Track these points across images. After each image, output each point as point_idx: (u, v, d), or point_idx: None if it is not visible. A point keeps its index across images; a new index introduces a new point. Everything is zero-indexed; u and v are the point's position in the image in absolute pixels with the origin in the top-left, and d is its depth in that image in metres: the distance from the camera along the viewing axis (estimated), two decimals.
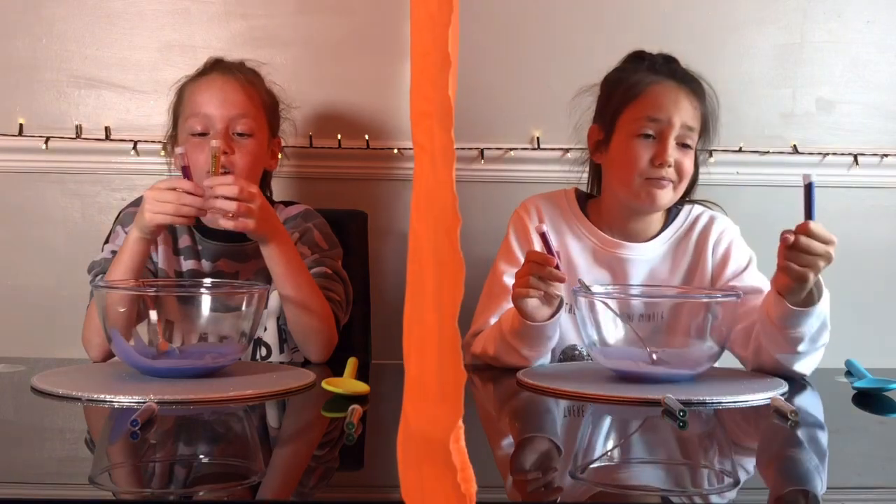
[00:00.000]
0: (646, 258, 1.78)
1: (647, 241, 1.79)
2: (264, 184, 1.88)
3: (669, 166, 1.70)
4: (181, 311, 1.55)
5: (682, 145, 1.72)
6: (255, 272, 1.75)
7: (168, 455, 1.17)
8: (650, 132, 1.71)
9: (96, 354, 1.68)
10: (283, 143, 1.90)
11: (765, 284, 1.71)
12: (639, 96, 1.74)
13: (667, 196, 1.73)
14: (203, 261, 1.78)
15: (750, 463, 1.20)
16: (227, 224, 1.59)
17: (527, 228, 1.78)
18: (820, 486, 1.09)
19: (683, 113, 1.72)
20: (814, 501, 1.03)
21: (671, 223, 1.80)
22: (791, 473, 1.15)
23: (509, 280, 1.71)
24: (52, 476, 1.08)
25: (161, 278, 1.73)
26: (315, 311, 1.68)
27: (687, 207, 1.82)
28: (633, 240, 1.78)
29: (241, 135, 1.74)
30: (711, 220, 1.80)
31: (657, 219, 1.80)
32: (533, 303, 1.56)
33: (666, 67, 1.77)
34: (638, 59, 1.80)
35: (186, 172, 1.61)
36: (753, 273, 1.76)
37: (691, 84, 1.75)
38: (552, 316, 1.58)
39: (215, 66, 1.80)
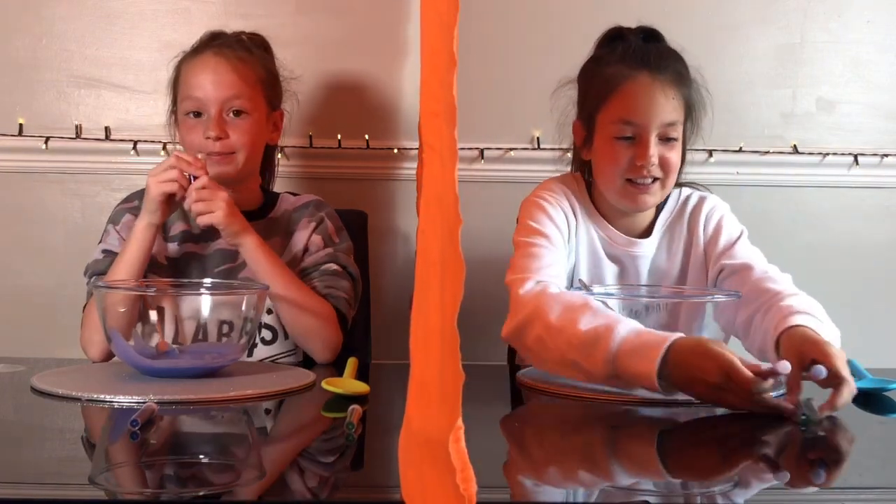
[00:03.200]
0: (648, 255, 1.76)
1: (643, 233, 1.76)
2: (267, 158, 1.89)
3: (652, 165, 1.66)
4: (181, 310, 1.55)
5: (666, 139, 1.67)
6: None
7: (168, 455, 1.17)
8: (628, 134, 1.66)
9: (95, 354, 1.68)
10: (285, 115, 1.90)
11: (757, 259, 1.69)
12: (613, 95, 1.67)
13: (653, 197, 1.70)
14: (202, 243, 1.77)
15: (749, 463, 1.20)
16: (202, 220, 1.64)
17: (566, 209, 1.73)
18: (819, 486, 1.09)
19: (661, 112, 1.65)
20: (813, 501, 1.03)
21: (662, 209, 1.78)
22: (791, 473, 1.15)
23: (540, 240, 1.65)
24: (52, 476, 1.08)
25: (161, 279, 1.73)
26: (311, 310, 1.68)
27: (676, 191, 1.79)
28: (629, 231, 1.76)
29: (237, 114, 1.75)
30: (701, 200, 1.78)
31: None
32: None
33: (641, 53, 1.69)
34: (614, 41, 1.74)
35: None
36: (745, 245, 1.72)
37: (668, 72, 1.68)
38: None
39: (210, 44, 1.79)
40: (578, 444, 1.27)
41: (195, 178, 1.63)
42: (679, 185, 1.81)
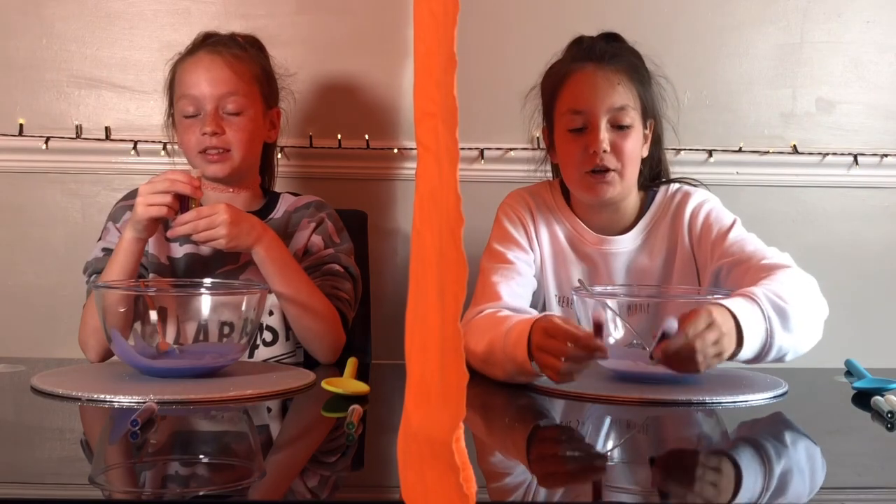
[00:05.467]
0: (623, 251, 1.74)
1: (626, 233, 1.75)
2: (265, 156, 1.89)
3: (605, 151, 1.65)
4: (181, 310, 1.55)
5: (619, 127, 1.67)
6: None
7: (168, 455, 1.17)
8: (579, 125, 1.68)
9: (94, 355, 1.68)
10: (282, 113, 1.90)
11: (752, 248, 1.64)
12: (561, 90, 1.71)
13: (613, 187, 1.68)
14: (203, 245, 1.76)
15: (749, 463, 1.20)
16: (206, 245, 1.66)
17: (523, 217, 1.76)
18: (819, 486, 1.09)
19: (606, 97, 1.66)
20: (813, 502, 1.03)
21: (647, 210, 1.76)
22: (791, 473, 1.15)
23: (513, 256, 1.71)
24: (52, 476, 1.08)
25: (162, 279, 1.73)
26: (317, 312, 1.67)
27: (663, 188, 1.77)
28: (610, 230, 1.75)
29: (232, 111, 1.75)
30: (686, 196, 1.75)
31: (631, 206, 1.76)
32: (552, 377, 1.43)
33: (589, 50, 1.71)
34: (571, 47, 1.77)
35: (184, 204, 1.62)
36: (738, 236, 1.68)
37: (615, 62, 1.69)
38: None
39: (203, 44, 1.80)
40: (578, 444, 1.27)
41: (189, 198, 1.61)
42: (670, 181, 1.80)
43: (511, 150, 2.21)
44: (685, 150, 2.17)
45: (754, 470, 1.16)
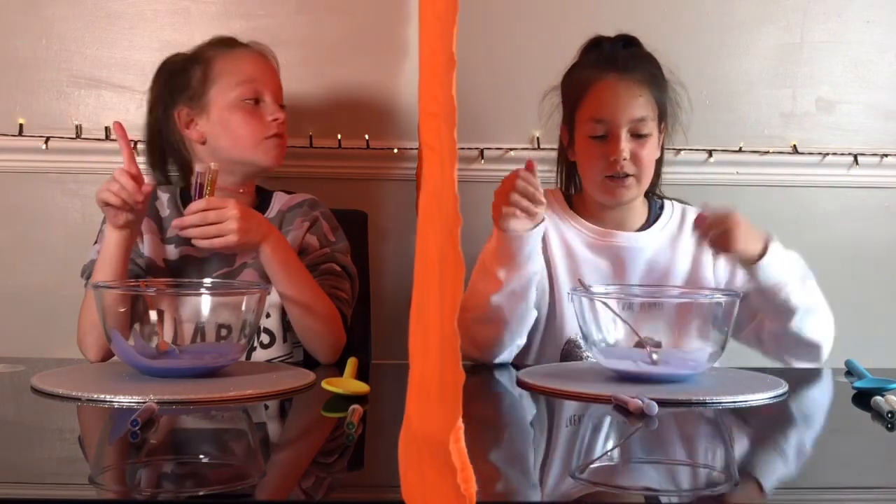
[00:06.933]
0: (641, 247, 1.81)
1: (638, 231, 1.82)
2: None
3: (625, 159, 1.73)
4: (181, 310, 1.55)
5: (638, 136, 1.75)
6: None
7: (168, 455, 1.17)
8: (600, 133, 1.76)
9: (93, 355, 1.68)
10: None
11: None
12: (584, 97, 1.78)
13: (631, 191, 1.77)
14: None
15: (749, 463, 1.20)
16: (207, 244, 1.61)
17: None
18: (819, 486, 1.09)
19: (628, 108, 1.75)
20: (814, 501, 1.03)
21: (660, 215, 1.85)
22: (791, 473, 1.15)
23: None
24: (52, 476, 1.08)
25: (161, 278, 1.73)
26: (319, 312, 1.67)
27: (668, 203, 1.87)
28: (621, 230, 1.82)
29: (280, 106, 1.80)
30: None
31: (639, 208, 1.84)
32: (514, 219, 1.59)
33: (612, 58, 1.78)
34: (591, 50, 1.83)
35: (199, 191, 1.62)
36: None
37: (636, 72, 1.77)
38: (533, 228, 1.62)
39: (237, 42, 1.83)
40: (578, 444, 1.27)
41: (202, 186, 1.61)
42: (662, 197, 1.88)
43: (511, 150, 2.21)
44: (685, 150, 2.17)
45: (753, 469, 1.16)
